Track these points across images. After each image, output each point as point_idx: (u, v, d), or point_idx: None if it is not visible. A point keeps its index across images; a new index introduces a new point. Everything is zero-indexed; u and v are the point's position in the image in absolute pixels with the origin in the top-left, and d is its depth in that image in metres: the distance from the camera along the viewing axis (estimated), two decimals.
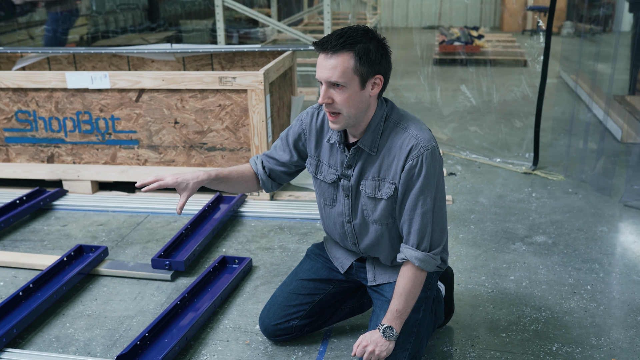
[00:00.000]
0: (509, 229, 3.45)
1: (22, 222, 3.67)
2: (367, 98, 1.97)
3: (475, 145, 4.92)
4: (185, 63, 4.80)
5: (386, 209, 2.10)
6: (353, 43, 1.87)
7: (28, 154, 4.05)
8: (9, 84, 3.89)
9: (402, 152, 2.01)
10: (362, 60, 1.89)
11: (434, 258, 2.07)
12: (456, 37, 8.70)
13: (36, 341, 2.53)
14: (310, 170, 2.23)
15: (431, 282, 2.28)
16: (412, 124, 2.04)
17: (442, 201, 2.07)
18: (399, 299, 2.07)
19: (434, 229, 2.06)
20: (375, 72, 1.93)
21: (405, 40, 8.29)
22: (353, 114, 1.98)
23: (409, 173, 2.00)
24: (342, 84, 1.91)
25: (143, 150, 3.93)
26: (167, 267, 2.99)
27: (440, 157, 2.07)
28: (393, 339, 2.07)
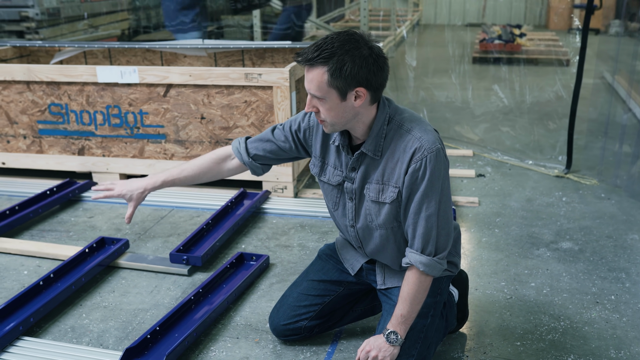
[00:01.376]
0: (535, 234, 3.37)
1: (51, 212, 3.76)
2: (351, 108, 1.92)
3: (507, 146, 4.82)
4: (217, 59, 4.83)
5: (390, 213, 2.06)
6: (327, 57, 1.82)
7: (60, 146, 4.14)
8: (42, 77, 3.98)
9: (406, 155, 1.96)
10: (335, 76, 1.83)
11: (440, 262, 2.02)
12: (497, 36, 8.53)
13: (52, 330, 2.58)
14: (314, 171, 2.20)
15: (441, 287, 2.24)
16: (416, 126, 1.99)
17: (447, 204, 2.02)
18: (403, 303, 2.03)
19: (440, 233, 2.01)
20: (354, 85, 1.86)
21: (445, 38, 8.18)
22: (338, 122, 1.95)
23: (412, 176, 1.96)
24: (319, 97, 1.90)
25: (170, 144, 3.98)
26: (184, 261, 3.01)
27: (446, 159, 2.02)
28: (397, 344, 2.04)
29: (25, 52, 5.00)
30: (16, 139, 4.19)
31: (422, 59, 8.09)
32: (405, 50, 8.53)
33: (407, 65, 5.74)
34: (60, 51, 4.92)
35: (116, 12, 8.67)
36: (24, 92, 4.06)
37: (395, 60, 8.28)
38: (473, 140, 4.94)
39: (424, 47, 9.13)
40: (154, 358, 2.31)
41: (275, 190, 3.89)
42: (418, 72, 7.15)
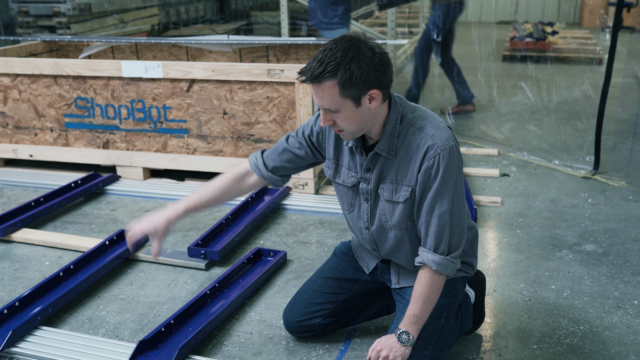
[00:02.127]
0: (558, 236, 3.30)
1: (75, 204, 3.81)
2: (367, 112, 1.89)
3: (533, 145, 4.74)
4: (242, 54, 4.85)
5: (404, 213, 2.04)
6: (334, 70, 1.78)
7: (85, 140, 4.20)
8: (69, 71, 4.04)
9: (419, 153, 1.93)
10: (346, 86, 1.80)
11: (453, 262, 1.99)
12: (528, 33, 8.40)
13: (70, 321, 2.62)
14: (329, 173, 2.17)
15: (456, 288, 2.20)
16: (429, 123, 1.96)
17: (461, 202, 1.98)
18: (415, 303, 2.00)
19: (453, 232, 1.98)
20: (367, 89, 1.83)
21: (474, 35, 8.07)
22: (357, 129, 1.93)
23: (425, 174, 1.93)
24: (334, 110, 1.87)
25: (192, 139, 4.00)
26: (202, 256, 3.03)
27: (460, 156, 1.98)
28: (409, 344, 2.01)
29: (55, 46, 5.08)
30: (43, 132, 4.26)
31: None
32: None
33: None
34: (88, 46, 4.99)
35: (146, 8, 8.76)
36: (52, 85, 4.13)
37: None
38: (498, 139, 4.87)
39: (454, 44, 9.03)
40: (167, 351, 2.32)
41: (296, 186, 3.88)
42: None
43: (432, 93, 5.87)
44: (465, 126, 5.26)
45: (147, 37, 5.40)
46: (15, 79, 4.18)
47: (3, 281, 2.94)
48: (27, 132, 4.29)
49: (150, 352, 2.32)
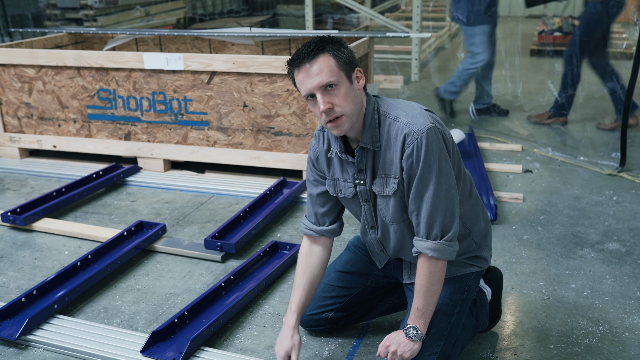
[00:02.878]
0: (580, 234, 3.23)
1: (96, 195, 3.85)
2: (358, 93, 1.96)
3: (557, 142, 4.65)
4: (264, 47, 4.84)
5: (397, 206, 2.02)
6: (323, 46, 1.89)
7: (107, 131, 4.23)
8: (92, 63, 4.07)
9: (397, 143, 1.94)
10: (338, 57, 1.90)
11: (449, 245, 1.95)
12: (557, 27, 8.24)
13: (86, 310, 2.64)
14: (331, 191, 2.15)
15: (468, 284, 2.17)
16: (402, 113, 1.96)
17: (448, 184, 1.94)
18: (418, 296, 1.98)
19: (445, 215, 1.94)
20: (353, 66, 1.94)
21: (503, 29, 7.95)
22: (354, 110, 1.93)
23: (407, 162, 1.92)
24: (334, 82, 1.88)
25: (213, 131, 4.01)
26: (218, 248, 3.03)
27: (442, 137, 1.94)
28: (417, 339, 1.99)
29: (80, 39, 5.13)
30: (67, 123, 4.31)
31: None
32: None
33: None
34: (112, 38, 5.03)
35: (172, 1, 8.81)
36: (75, 77, 4.17)
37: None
38: (522, 134, 4.79)
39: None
40: (179, 342, 2.33)
41: None
42: None
43: None
44: (489, 121, 5.18)
45: (170, 29, 5.42)
46: (40, 70, 4.23)
47: (23, 269, 2.98)
48: (51, 123, 4.34)
49: (162, 342, 2.33)
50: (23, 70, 4.26)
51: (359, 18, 9.56)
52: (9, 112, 4.41)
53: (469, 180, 2.14)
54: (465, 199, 2.11)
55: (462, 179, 2.07)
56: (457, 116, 5.35)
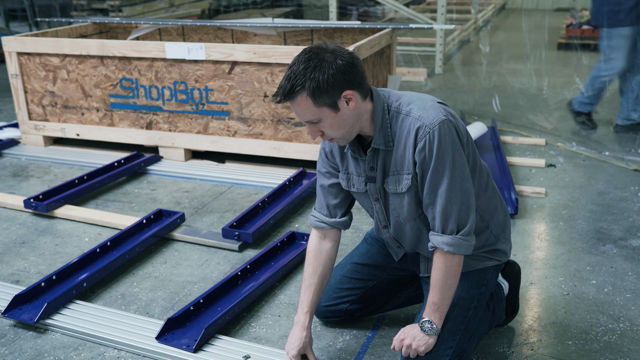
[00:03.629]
0: (602, 229, 3.18)
1: (117, 183, 3.88)
2: (349, 113, 1.88)
3: (582, 136, 4.57)
4: (286, 38, 4.83)
5: (412, 202, 1.99)
6: (301, 83, 1.80)
7: (129, 120, 4.26)
8: (115, 52, 4.10)
9: (410, 138, 1.89)
10: (316, 95, 1.80)
11: (465, 239, 1.92)
12: (586, 21, 8.10)
13: (104, 296, 2.67)
14: (343, 184, 2.13)
15: (487, 278, 2.14)
16: (414, 107, 1.91)
17: (462, 177, 1.90)
18: (433, 290, 1.95)
19: (460, 209, 1.91)
20: (339, 93, 1.83)
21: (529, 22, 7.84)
22: (345, 132, 1.91)
23: (420, 156, 1.88)
24: (315, 120, 1.86)
25: (233, 121, 4.01)
26: (236, 237, 3.03)
27: (456, 129, 1.90)
28: (433, 333, 1.96)
29: (105, 28, 5.17)
30: (90, 112, 4.35)
31: (505, 44, 7.81)
32: (485, 35, 8.26)
33: (482, 52, 5.54)
34: (136, 28, 5.06)
35: None
36: (98, 66, 4.20)
37: (474, 45, 8.03)
38: (546, 128, 4.72)
39: (506, 31, 8.80)
40: (194, 329, 2.34)
41: None
42: (494, 57, 6.90)
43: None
44: (512, 115, 5.11)
45: (193, 20, 5.44)
46: (64, 59, 4.27)
47: (44, 255, 3.02)
48: (75, 111, 4.39)
49: (178, 329, 2.35)
50: (48, 59, 4.31)
51: (384, 10, 9.50)
52: (34, 100, 4.47)
53: (486, 172, 2.10)
54: (482, 192, 2.08)
55: (477, 172, 2.04)
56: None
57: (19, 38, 4.34)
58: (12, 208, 3.52)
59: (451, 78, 6.40)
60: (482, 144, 4.27)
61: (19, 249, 3.08)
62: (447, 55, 7.20)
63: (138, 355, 2.28)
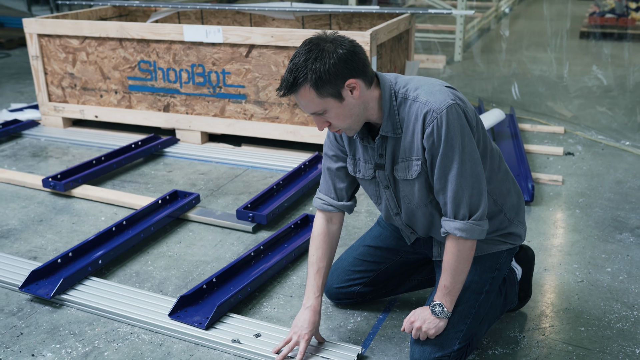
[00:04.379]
0: (620, 218, 3.14)
1: (134, 164, 3.92)
2: (354, 102, 1.86)
3: (602, 125, 4.51)
4: (305, 22, 4.82)
5: (423, 188, 1.98)
6: (303, 75, 1.78)
7: (147, 102, 4.29)
8: (134, 35, 4.12)
9: (418, 124, 1.87)
10: (319, 86, 1.79)
11: (478, 224, 1.91)
12: (609, 9, 7.97)
13: (118, 274, 2.70)
14: (350, 170, 2.12)
15: (500, 262, 2.13)
16: (422, 91, 1.89)
17: (472, 161, 1.88)
18: (445, 274, 1.95)
19: (471, 194, 1.89)
20: (342, 82, 1.81)
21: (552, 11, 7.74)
22: (352, 122, 1.90)
23: (428, 141, 1.86)
24: (320, 111, 1.85)
25: (250, 105, 4.02)
26: (250, 219, 3.05)
27: (464, 113, 1.87)
28: (443, 316, 1.96)
29: (124, 11, 5.19)
30: (108, 94, 4.38)
31: (526, 32, 7.71)
32: (507, 23, 8.17)
33: (503, 38, 5.48)
34: (155, 11, 5.08)
35: None
36: (117, 48, 4.23)
37: (494, 33, 7.94)
38: (566, 116, 4.66)
39: (527, 19, 8.70)
40: (207, 307, 2.36)
41: None
42: (515, 45, 6.82)
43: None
44: (531, 103, 5.06)
45: (212, 4, 5.43)
46: (84, 42, 4.30)
47: (61, 233, 3.06)
48: (93, 93, 4.42)
49: (190, 307, 2.37)
50: (68, 41, 4.34)
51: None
52: (53, 82, 4.51)
53: (497, 156, 2.08)
54: (494, 175, 2.06)
55: (488, 155, 2.02)
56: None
57: (39, 20, 4.38)
58: (31, 187, 3.57)
59: (470, 65, 6.34)
60: (499, 131, 4.24)
61: (37, 226, 3.12)
62: (467, 43, 7.14)
63: (151, 331, 2.31)
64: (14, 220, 3.19)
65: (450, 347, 1.97)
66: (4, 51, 7.51)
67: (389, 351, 2.19)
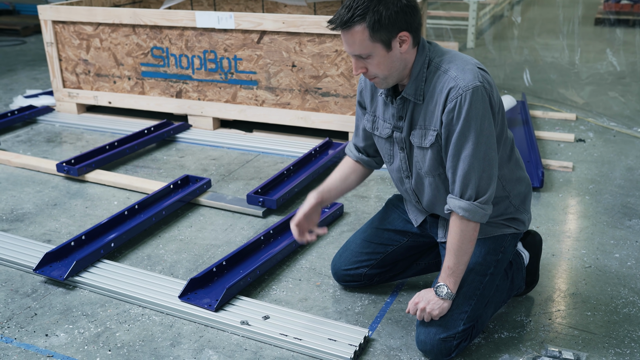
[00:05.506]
0: (629, 204, 3.14)
1: (147, 150, 3.96)
2: (399, 56, 1.88)
3: (614, 112, 4.48)
4: (316, 9, 4.82)
5: (434, 159, 2.00)
6: (362, 14, 1.78)
7: (160, 89, 4.32)
8: (147, 21, 4.15)
9: (442, 96, 1.89)
10: (375, 29, 1.80)
11: (482, 207, 1.93)
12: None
13: (130, 257, 2.75)
14: (368, 126, 2.16)
15: (504, 245, 2.15)
16: (454, 66, 1.90)
17: (488, 145, 1.90)
18: (449, 254, 1.97)
19: (481, 176, 1.91)
20: (396, 32, 1.83)
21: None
22: (390, 75, 1.91)
23: (448, 116, 1.88)
24: (365, 55, 1.85)
25: (261, 91, 4.04)
26: (260, 203, 3.08)
27: (489, 97, 1.89)
28: (447, 297, 1.98)
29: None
30: (121, 80, 4.42)
31: (539, 19, 7.66)
32: (520, 10, 8.10)
33: (515, 24, 5.45)
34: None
35: None
36: (130, 35, 4.26)
37: (507, 20, 7.89)
38: (578, 103, 4.64)
39: (540, 6, 8.63)
40: (216, 290, 2.40)
41: None
42: (527, 32, 6.78)
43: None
44: (543, 89, 5.04)
45: None
46: (97, 28, 4.34)
47: (74, 217, 3.11)
48: (107, 79, 4.47)
49: (200, 289, 2.41)
50: (82, 27, 4.38)
51: None
52: (68, 68, 4.56)
53: (510, 143, 2.10)
54: (504, 162, 2.08)
55: (502, 142, 2.04)
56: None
57: (54, 7, 4.42)
58: (45, 172, 3.63)
59: (482, 52, 6.31)
60: (510, 117, 4.23)
61: (51, 210, 3.17)
62: (480, 29, 7.10)
63: (162, 313, 2.35)
64: (28, 204, 3.25)
65: (454, 327, 2.00)
66: (19, 38, 7.58)
67: (395, 334, 2.22)
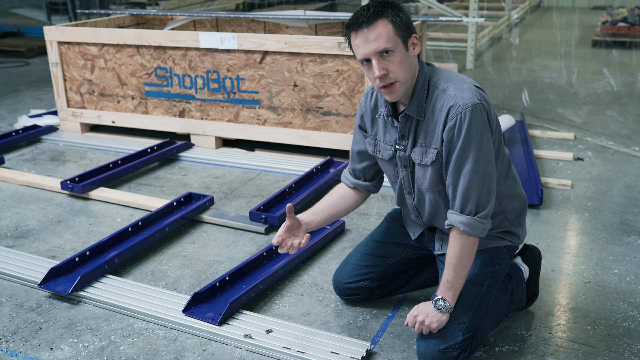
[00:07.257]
0: (628, 221, 3.17)
1: (150, 168, 4.00)
2: (413, 60, 1.98)
3: (612, 131, 4.53)
4: (318, 31, 4.89)
5: (434, 176, 2.05)
6: (382, 11, 1.90)
7: (163, 108, 4.38)
8: (151, 42, 4.22)
9: (442, 115, 1.96)
10: (396, 23, 1.91)
11: (481, 222, 1.97)
12: (622, 18, 8.00)
13: (134, 272, 2.77)
14: (370, 150, 2.22)
15: (500, 257, 2.18)
16: (452, 85, 1.97)
17: (487, 161, 1.95)
18: (448, 268, 2.00)
19: (481, 192, 1.96)
20: (410, 32, 1.94)
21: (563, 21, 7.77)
22: (408, 77, 1.96)
23: (448, 134, 1.94)
24: (391, 48, 1.91)
25: (263, 110, 4.09)
26: (262, 220, 3.11)
27: (487, 114, 1.95)
28: (445, 311, 2.01)
29: (142, 20, 5.30)
30: (125, 100, 4.48)
31: (537, 41, 7.76)
32: (518, 31, 8.21)
33: (514, 45, 5.53)
34: (172, 20, 5.18)
35: None
36: (134, 55, 4.33)
37: (505, 42, 7.98)
38: (576, 122, 4.69)
39: (539, 29, 8.74)
40: (219, 304, 2.42)
41: None
42: (525, 53, 6.86)
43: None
44: (542, 109, 5.10)
45: (227, 12, 5.54)
46: (102, 49, 4.40)
47: (78, 233, 3.14)
48: (111, 99, 4.52)
49: (203, 304, 2.43)
50: (86, 48, 4.45)
51: (417, 7, 9.51)
52: (72, 88, 4.62)
53: (507, 161, 2.15)
54: (502, 179, 2.12)
55: (500, 159, 2.09)
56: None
57: (59, 27, 4.49)
58: (49, 189, 3.66)
59: (481, 73, 6.39)
60: (510, 136, 4.28)
61: (55, 227, 3.21)
62: (479, 51, 7.19)
63: (165, 327, 2.37)
64: (33, 221, 3.28)
65: (453, 338, 2.02)
66: (23, 59, 7.67)
67: (397, 348, 2.24)
